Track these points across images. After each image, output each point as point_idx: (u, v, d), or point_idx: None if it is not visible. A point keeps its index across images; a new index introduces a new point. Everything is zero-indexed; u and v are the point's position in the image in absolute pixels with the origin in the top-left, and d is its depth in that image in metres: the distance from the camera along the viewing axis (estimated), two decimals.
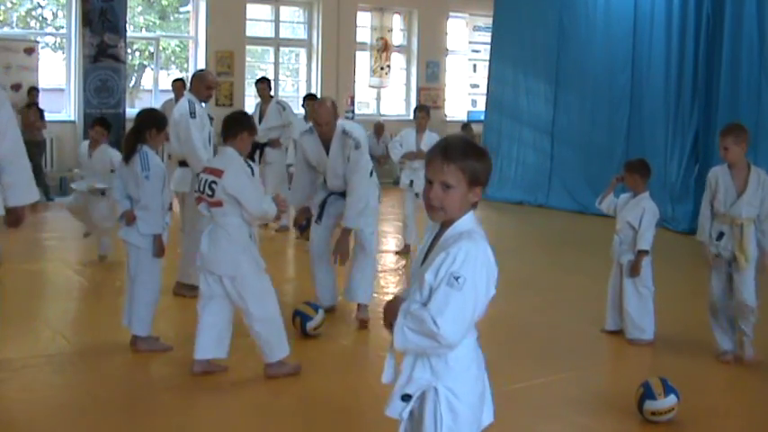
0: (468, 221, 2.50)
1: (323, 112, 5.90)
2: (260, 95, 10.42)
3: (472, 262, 2.40)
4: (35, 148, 12.12)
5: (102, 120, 8.42)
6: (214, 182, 4.65)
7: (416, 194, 8.63)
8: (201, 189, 4.73)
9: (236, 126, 4.79)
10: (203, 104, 6.76)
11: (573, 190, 12.69)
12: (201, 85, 6.73)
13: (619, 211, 5.95)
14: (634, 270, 5.70)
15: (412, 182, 8.80)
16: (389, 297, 2.76)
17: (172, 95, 11.39)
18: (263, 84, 10.50)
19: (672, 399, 4.28)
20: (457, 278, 2.39)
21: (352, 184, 5.91)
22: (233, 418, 4.32)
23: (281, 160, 9.94)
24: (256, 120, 9.52)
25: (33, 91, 12.25)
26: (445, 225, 2.52)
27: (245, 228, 4.73)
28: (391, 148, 9.42)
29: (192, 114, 6.49)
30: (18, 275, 7.50)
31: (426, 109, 9.53)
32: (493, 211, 11.93)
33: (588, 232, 10.95)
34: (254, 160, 9.63)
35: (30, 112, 12.06)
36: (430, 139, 8.69)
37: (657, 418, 4.30)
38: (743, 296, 5.22)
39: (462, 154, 2.46)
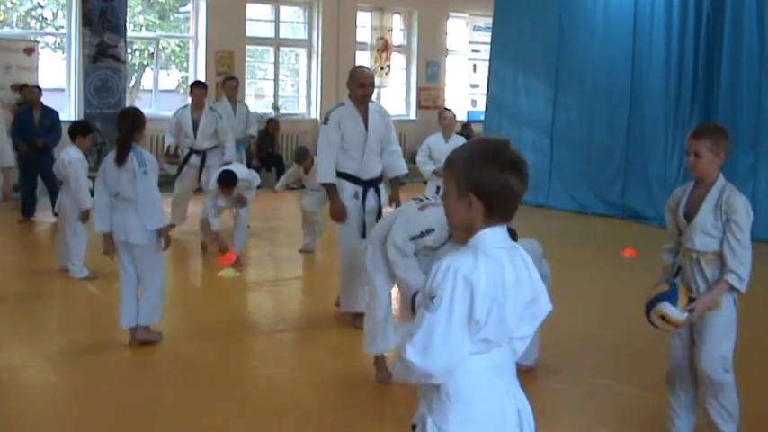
0: (481, 239, 2.15)
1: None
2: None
3: (452, 279, 2.05)
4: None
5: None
6: None
7: None
8: None
9: None
10: (352, 105, 6.02)
11: (572, 190, 12.69)
12: (353, 84, 5.99)
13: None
14: None
15: (438, 188, 8.02)
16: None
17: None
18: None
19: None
20: (432, 298, 2.06)
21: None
22: (233, 417, 4.32)
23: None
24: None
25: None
26: None
27: None
28: (421, 162, 8.48)
29: (325, 120, 6.05)
30: (18, 276, 7.50)
31: (452, 111, 8.81)
32: None
33: (587, 232, 10.96)
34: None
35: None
36: (458, 143, 8.23)
37: (661, 325, 3.79)
38: (702, 364, 3.85)
39: (456, 155, 2.17)
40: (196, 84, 9.91)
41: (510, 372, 2.24)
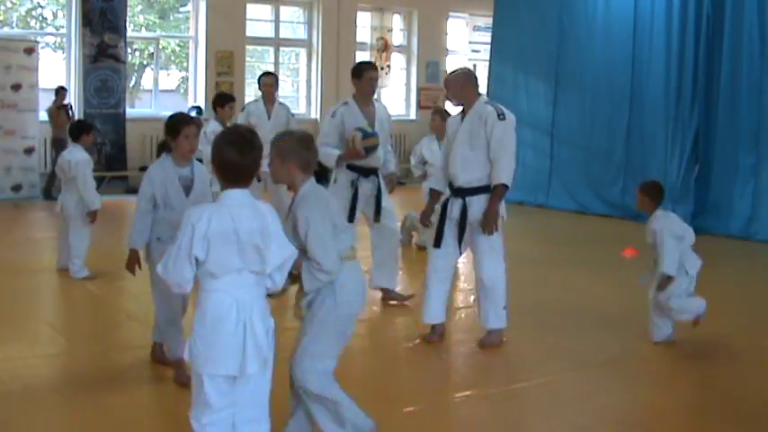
0: (222, 198, 3.08)
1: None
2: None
3: (186, 222, 2.99)
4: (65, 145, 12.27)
5: None
6: None
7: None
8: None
9: None
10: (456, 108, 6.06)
11: (573, 190, 12.68)
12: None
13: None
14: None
15: (431, 189, 7.50)
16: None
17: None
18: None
19: None
20: (178, 233, 3.05)
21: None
22: None
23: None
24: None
25: (63, 91, 12.48)
26: None
27: None
28: (412, 165, 8.37)
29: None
30: (18, 275, 7.50)
31: (442, 113, 8.29)
32: None
33: (588, 232, 10.96)
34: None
35: (61, 113, 12.20)
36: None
37: None
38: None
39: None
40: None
41: (248, 293, 3.02)
